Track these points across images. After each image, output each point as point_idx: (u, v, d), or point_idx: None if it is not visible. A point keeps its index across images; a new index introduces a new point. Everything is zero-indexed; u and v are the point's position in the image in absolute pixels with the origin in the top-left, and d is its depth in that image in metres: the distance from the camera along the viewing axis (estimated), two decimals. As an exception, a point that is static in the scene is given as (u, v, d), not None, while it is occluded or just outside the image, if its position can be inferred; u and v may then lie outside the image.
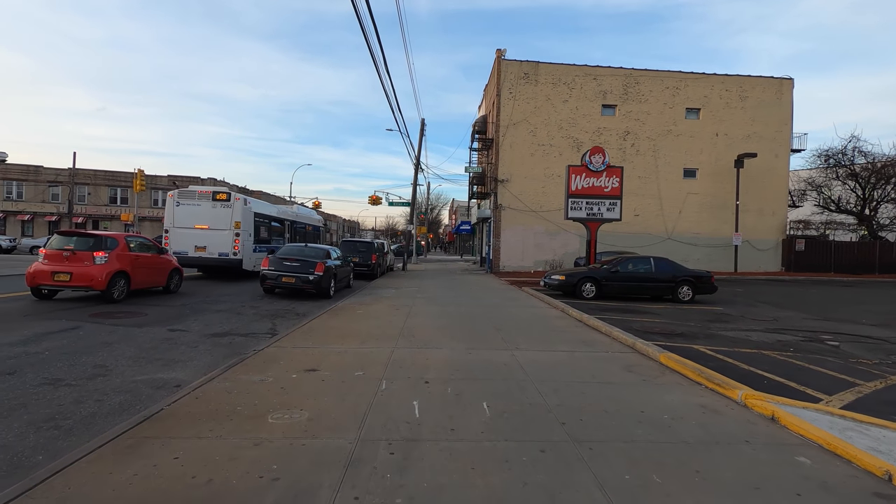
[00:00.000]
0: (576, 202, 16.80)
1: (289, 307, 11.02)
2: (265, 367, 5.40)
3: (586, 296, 13.59)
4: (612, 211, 16.92)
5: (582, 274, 13.84)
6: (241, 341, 7.21)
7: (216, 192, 15.53)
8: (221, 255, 15.39)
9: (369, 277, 19.80)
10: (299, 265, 12.35)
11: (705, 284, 13.80)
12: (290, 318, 9.60)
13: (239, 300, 11.62)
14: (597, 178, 16.80)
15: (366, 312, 10.00)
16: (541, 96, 25.12)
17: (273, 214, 18.56)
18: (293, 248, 13.53)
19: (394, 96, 19.60)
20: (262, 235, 17.40)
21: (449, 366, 5.69)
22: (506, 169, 25.20)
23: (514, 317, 9.93)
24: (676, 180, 25.55)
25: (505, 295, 14.34)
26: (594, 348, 7.05)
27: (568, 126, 25.19)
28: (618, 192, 16.92)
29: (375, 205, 38.38)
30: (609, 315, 10.61)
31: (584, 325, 9.14)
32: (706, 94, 25.48)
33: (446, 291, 14.98)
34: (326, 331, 7.77)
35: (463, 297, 13.33)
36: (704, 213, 25.71)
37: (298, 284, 12.18)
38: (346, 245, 20.31)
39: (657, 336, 8.27)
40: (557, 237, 25.27)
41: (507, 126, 25.08)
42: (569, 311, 10.55)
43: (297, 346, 6.58)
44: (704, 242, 25.57)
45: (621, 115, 25.31)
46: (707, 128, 25.54)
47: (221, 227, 15.46)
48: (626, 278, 13.75)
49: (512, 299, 13.20)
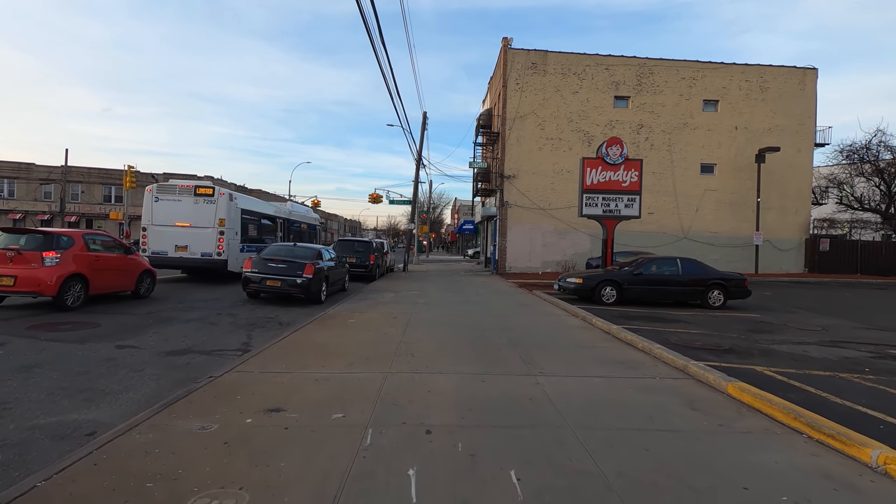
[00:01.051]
0: (591, 198, 15.42)
1: (272, 315, 9.69)
2: (215, 404, 4.07)
3: (606, 301, 12.23)
4: (630, 207, 15.53)
5: (601, 277, 12.47)
6: (202, 362, 5.88)
7: (198, 187, 14.23)
8: (204, 256, 14.08)
9: (367, 279, 18.48)
10: (286, 267, 11.02)
11: (738, 289, 12.41)
12: (271, 329, 8.28)
13: (216, 306, 10.30)
14: (614, 171, 15.42)
15: (359, 322, 8.66)
16: (549, 87, 23.74)
17: (263, 211, 17.25)
18: (280, 247, 12.21)
19: (394, 85, 18.31)
20: (251, 234, 16.08)
21: (458, 402, 4.35)
22: (512, 164, 23.83)
23: (531, 327, 8.58)
24: (693, 176, 24.13)
25: (515, 299, 12.99)
26: (637, 372, 5.70)
27: (578, 119, 23.81)
28: (637, 186, 15.53)
29: (376, 203, 37.10)
30: (637, 324, 9.25)
31: (613, 338, 7.78)
32: (725, 85, 24.06)
33: (450, 295, 13.63)
34: (308, 347, 6.44)
35: (469, 303, 11.98)
36: (722, 211, 24.29)
37: (285, 288, 10.86)
38: (343, 244, 18.98)
39: (702, 352, 6.93)
40: (567, 236, 23.90)
41: (513, 119, 23.71)
42: (592, 319, 9.18)
43: (267, 369, 5.25)
44: (723, 242, 24.15)
45: (635, 107, 23.92)
46: (726, 121, 24.12)
47: (204, 224, 14.14)
48: (650, 281, 12.37)
49: (523, 305, 11.84)
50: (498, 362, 5.94)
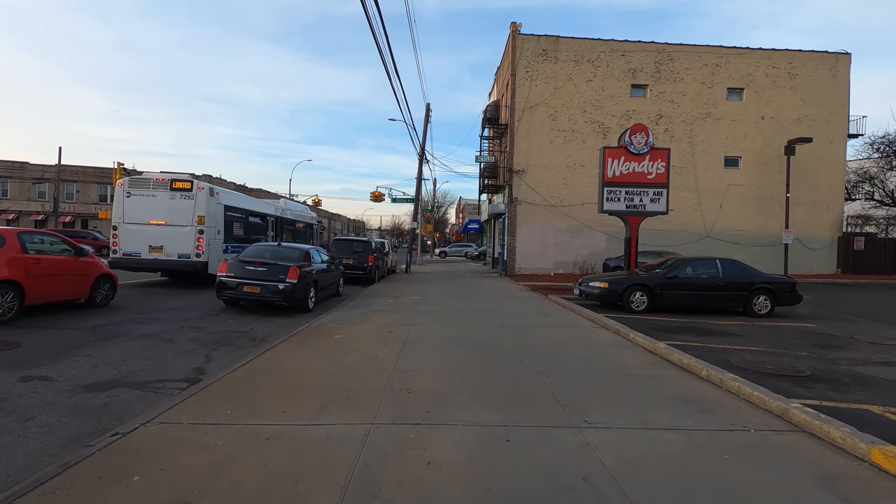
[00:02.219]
0: (613, 192, 13.82)
1: (246, 328, 8.19)
2: (89, 496, 2.56)
3: (636, 308, 10.65)
4: (656, 202, 13.93)
5: (630, 280, 10.88)
6: (126, 402, 4.38)
7: (175, 180, 12.76)
8: (182, 258, 12.61)
9: (366, 282, 16.98)
10: (266, 270, 9.52)
11: (788, 294, 10.79)
12: (240, 347, 6.79)
13: (183, 317, 8.81)
14: (638, 162, 13.82)
15: (347, 338, 7.14)
16: (561, 76, 22.14)
17: (251, 208, 15.77)
18: (262, 247, 10.71)
19: (394, 70, 16.78)
20: (237, 233, 14.60)
21: (473, 487, 2.81)
22: (522, 158, 22.26)
23: (557, 345, 7.01)
24: (716, 170, 22.46)
25: (530, 306, 11.42)
26: (717, 418, 4.14)
27: (592, 109, 22.19)
28: (664, 179, 13.94)
29: (378, 201, 35.58)
30: (681, 339, 7.69)
31: (662, 360, 6.20)
32: (750, 71, 22.36)
33: (456, 302, 12.09)
34: (273, 378, 4.92)
35: (479, 311, 10.43)
36: (748, 208, 22.59)
37: (265, 295, 9.36)
38: (339, 244, 17.48)
39: (781, 381, 5.38)
40: (581, 235, 22.30)
41: (522, 110, 22.13)
42: (629, 334, 7.61)
43: (203, 418, 3.74)
44: (748, 241, 22.45)
45: (653, 96, 22.27)
46: (751, 110, 22.42)
47: (182, 222, 12.68)
48: (686, 286, 10.78)
49: (541, 313, 10.28)
50: (524, 402, 4.39)
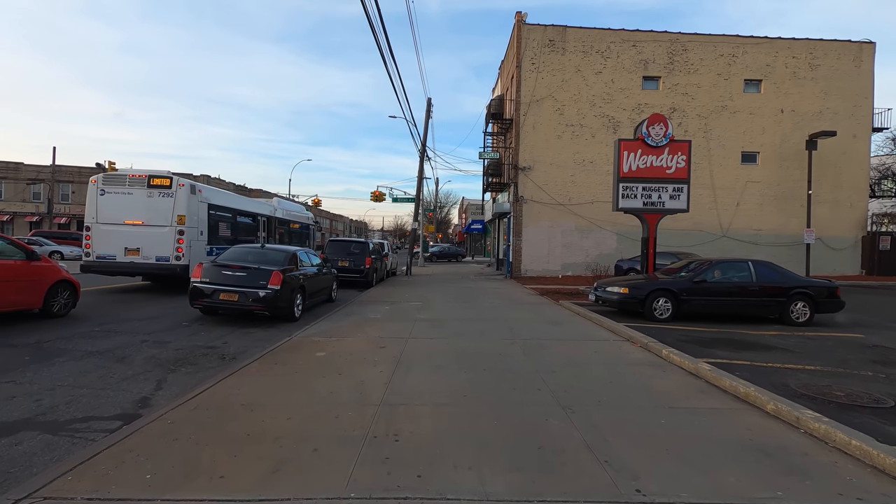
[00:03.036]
0: (629, 188, 12.71)
1: (217, 342, 7.13)
2: None
3: (659, 316, 9.54)
4: (676, 199, 12.81)
5: (652, 285, 9.76)
6: (26, 453, 3.32)
7: (153, 177, 11.73)
8: (160, 260, 11.58)
9: (363, 286, 15.92)
10: (245, 275, 8.46)
11: (829, 300, 9.66)
12: (204, 368, 5.74)
13: (149, 329, 7.76)
14: (657, 155, 12.71)
15: (330, 356, 6.07)
16: (569, 67, 21.03)
17: (240, 207, 14.72)
18: (244, 249, 9.64)
19: (392, 63, 15.74)
20: (223, 234, 13.56)
21: None
22: (527, 154, 21.16)
23: (581, 366, 5.90)
24: (733, 166, 21.29)
25: (541, 314, 10.32)
26: (816, 484, 3.03)
27: (602, 102, 21.07)
28: (684, 173, 12.81)
29: (378, 201, 34.61)
30: (717, 354, 6.62)
31: (710, 386, 5.09)
32: (769, 62, 21.19)
33: (459, 308, 10.99)
34: (223, 419, 3.85)
35: (484, 320, 9.33)
36: (767, 206, 21.41)
37: (243, 304, 8.29)
38: (334, 246, 16.42)
39: (860, 412, 4.34)
40: (590, 235, 21.18)
41: (528, 103, 21.03)
42: (658, 349, 6.50)
43: (103, 492, 2.67)
44: (767, 241, 21.27)
45: (666, 88, 21.13)
46: (770, 103, 21.25)
47: (160, 222, 11.65)
48: (716, 291, 9.65)
49: (555, 322, 9.17)
50: (550, 457, 3.29)
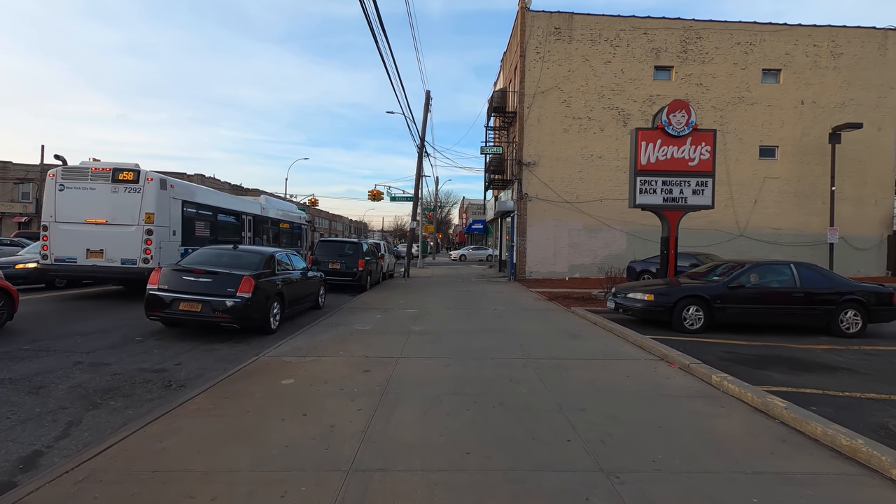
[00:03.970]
0: (647, 182, 11.50)
1: (169, 363, 5.92)
2: None
3: (689, 326, 8.32)
4: (699, 194, 11.60)
5: (681, 291, 8.54)
6: None
7: (118, 170, 10.53)
8: (126, 264, 10.38)
9: (356, 290, 14.72)
10: (211, 282, 7.25)
11: (884, 308, 8.43)
12: (138, 403, 4.55)
13: (90, 346, 6.56)
14: (678, 145, 11.51)
15: (299, 385, 4.85)
16: (576, 57, 19.81)
17: (221, 205, 13.50)
18: (213, 252, 8.43)
19: (389, 52, 14.51)
20: (201, 234, 12.36)
21: None
22: (532, 149, 19.94)
23: (612, 398, 4.67)
24: (750, 161, 20.06)
25: (553, 323, 9.10)
26: None
27: (611, 94, 19.85)
28: (709, 166, 11.60)
29: (376, 200, 33.49)
30: (775, 378, 5.44)
31: (794, 432, 3.87)
32: (788, 50, 19.95)
33: (460, 318, 9.77)
34: (112, 501, 2.63)
35: (489, 333, 8.11)
36: (786, 203, 20.17)
37: (207, 314, 7.09)
38: (325, 247, 15.20)
39: None
40: (599, 235, 19.96)
41: (533, 95, 19.82)
42: (707, 373, 5.26)
43: None
44: (787, 240, 20.04)
45: (679, 79, 19.90)
46: (789, 94, 20.01)
47: (126, 221, 10.45)
48: (753, 298, 8.43)
49: (572, 335, 7.94)
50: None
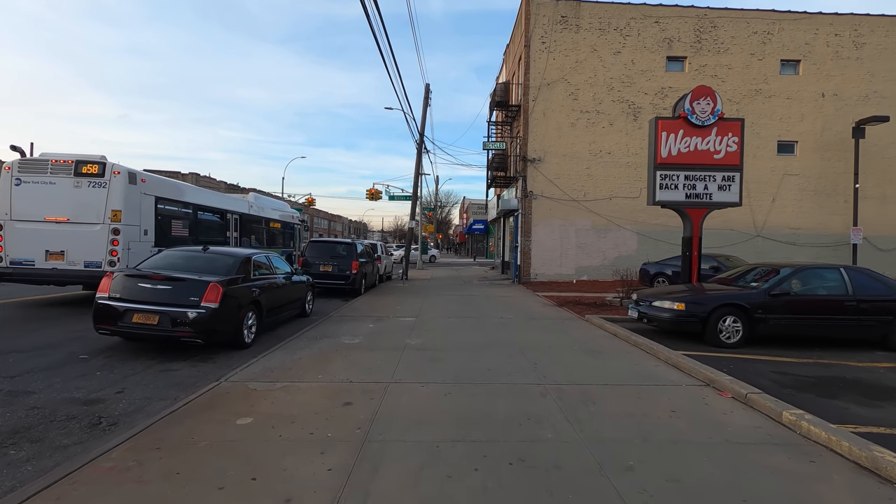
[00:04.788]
0: (668, 177, 10.44)
1: (108, 392, 4.84)
2: None
3: (726, 339, 7.24)
4: (726, 190, 10.54)
5: (717, 299, 7.45)
6: None
7: (81, 162, 9.46)
8: (90, 267, 9.30)
9: (349, 294, 13.66)
10: (171, 289, 6.18)
11: (950, 318, 7.36)
12: (44, 456, 3.49)
13: (22, 367, 5.48)
14: (702, 136, 10.44)
15: (253, 431, 3.77)
16: (584, 47, 18.75)
17: (201, 202, 12.43)
18: (177, 254, 7.35)
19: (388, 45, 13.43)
20: (178, 234, 11.29)
21: None
22: (537, 145, 18.87)
23: (665, 450, 3.57)
24: (768, 157, 18.98)
25: (569, 336, 8.02)
26: None
27: (621, 86, 18.78)
28: (736, 159, 10.56)
29: (374, 199, 32.50)
30: (849, 409, 4.42)
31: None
32: (808, 40, 18.89)
33: (463, 328, 8.70)
34: None
35: (496, 350, 7.03)
36: (806, 201, 19.10)
37: (166, 329, 6.01)
38: (315, 248, 14.12)
39: None
40: (608, 235, 18.88)
41: (538, 87, 18.75)
42: (776, 412, 4.19)
43: None
44: (807, 240, 18.96)
45: (693, 70, 18.83)
46: (809, 86, 18.93)
47: (90, 218, 9.38)
48: (800, 307, 7.34)
49: (590, 351, 6.86)
50: None
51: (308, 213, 79.41)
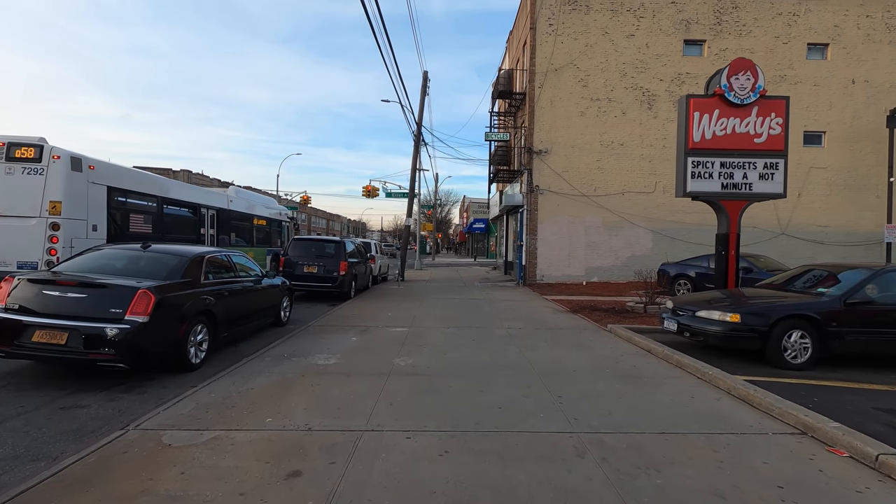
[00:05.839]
0: (702, 164, 9.02)
1: (-39, 447, 3.43)
2: None
3: (792, 359, 5.82)
4: (768, 179, 9.12)
5: (780, 309, 6.01)
6: None
7: (14, 145, 8.06)
8: (24, 268, 7.89)
9: (338, 298, 12.26)
10: (87, 299, 4.78)
11: None
12: None
13: None
14: (741, 117, 9.02)
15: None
16: (595, 29, 17.33)
17: (166, 195, 10.99)
18: (107, 253, 5.93)
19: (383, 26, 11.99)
20: (138, 230, 9.88)
21: None
22: (544, 136, 17.46)
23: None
24: (793, 149, 17.21)
25: (595, 355, 6.60)
26: None
27: (634, 72, 17.37)
28: (780, 144, 9.12)
29: (371, 196, 31.20)
30: None
31: None
32: (837, 23, 17.47)
33: (464, 343, 7.27)
34: None
35: (509, 377, 5.61)
36: (835, 197, 17.68)
37: (77, 350, 4.60)
38: (299, 247, 12.69)
39: None
40: (620, 233, 17.47)
41: (545, 73, 17.33)
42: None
43: None
44: (836, 239, 17.55)
45: (712, 54, 17.41)
46: (838, 72, 17.52)
47: (24, 211, 7.99)
48: (886, 319, 5.92)
49: (630, 377, 5.43)
50: None
51: (305, 211, 77.99)
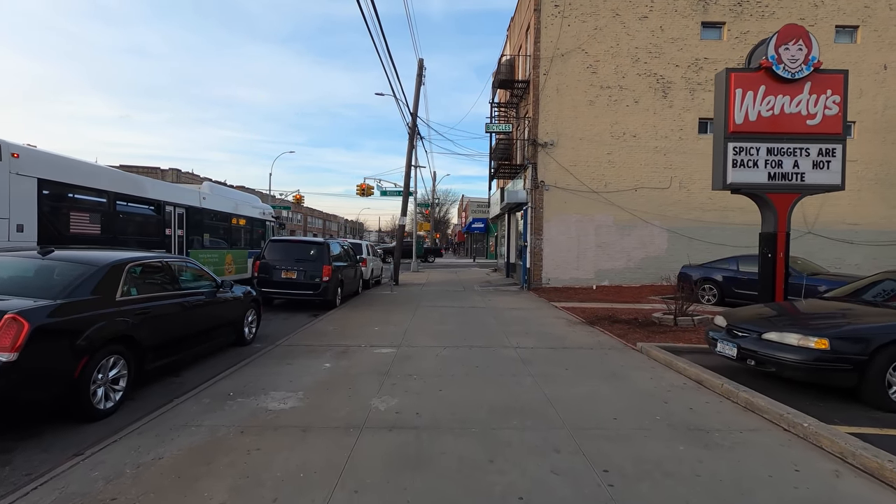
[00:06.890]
0: (745, 150, 7.63)
1: None
2: None
3: (897, 400, 4.41)
4: (822, 169, 7.76)
5: (880, 332, 4.60)
6: None
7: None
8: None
9: (321, 306, 10.85)
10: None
11: None
12: None
13: None
14: (791, 94, 7.64)
15: None
16: (605, 11, 15.92)
17: (117, 190, 9.51)
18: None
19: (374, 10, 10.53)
20: (80, 231, 8.42)
21: None
22: (550, 126, 16.05)
23: None
24: (821, 140, 16.16)
25: (635, 390, 5.16)
26: None
27: (647, 57, 15.96)
28: (837, 126, 7.77)
29: (365, 195, 29.76)
30: None
31: None
32: (868, 3, 16.08)
33: (463, 372, 5.83)
34: None
35: (527, 427, 4.17)
36: (866, 192, 16.30)
37: None
38: (278, 249, 11.22)
39: None
40: (632, 232, 16.05)
41: (550, 59, 15.91)
42: None
43: None
44: (866, 238, 16.17)
45: (732, 38, 16.02)
46: (869, 56, 16.15)
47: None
48: None
49: (693, 430, 3.99)
50: None
51: (301, 211, 76.44)
